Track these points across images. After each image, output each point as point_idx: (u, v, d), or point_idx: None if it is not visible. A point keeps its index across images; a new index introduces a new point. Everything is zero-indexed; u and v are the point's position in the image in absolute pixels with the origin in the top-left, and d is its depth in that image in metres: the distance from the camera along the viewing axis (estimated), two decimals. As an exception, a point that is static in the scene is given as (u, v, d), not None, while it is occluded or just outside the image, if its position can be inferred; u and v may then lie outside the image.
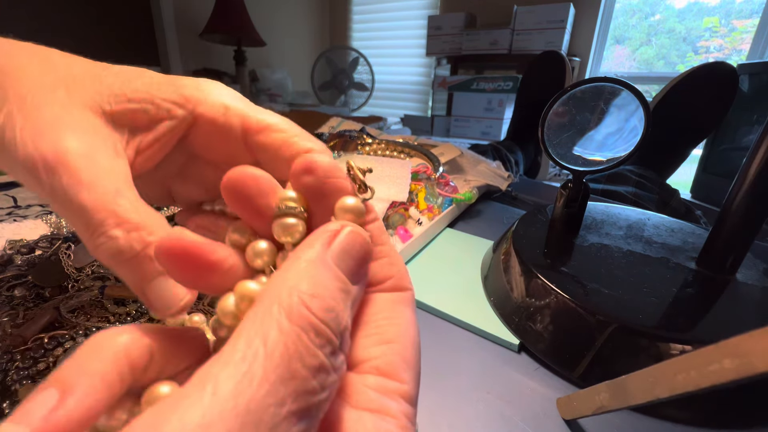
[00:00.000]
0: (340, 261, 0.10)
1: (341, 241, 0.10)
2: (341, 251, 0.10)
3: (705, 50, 1.77)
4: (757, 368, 0.12)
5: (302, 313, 0.08)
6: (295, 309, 0.08)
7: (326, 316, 0.09)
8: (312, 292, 0.09)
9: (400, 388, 0.11)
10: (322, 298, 0.09)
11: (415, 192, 0.41)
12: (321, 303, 0.09)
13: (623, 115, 0.29)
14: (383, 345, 0.11)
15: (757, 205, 0.25)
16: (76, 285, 0.26)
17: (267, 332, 0.08)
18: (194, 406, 0.07)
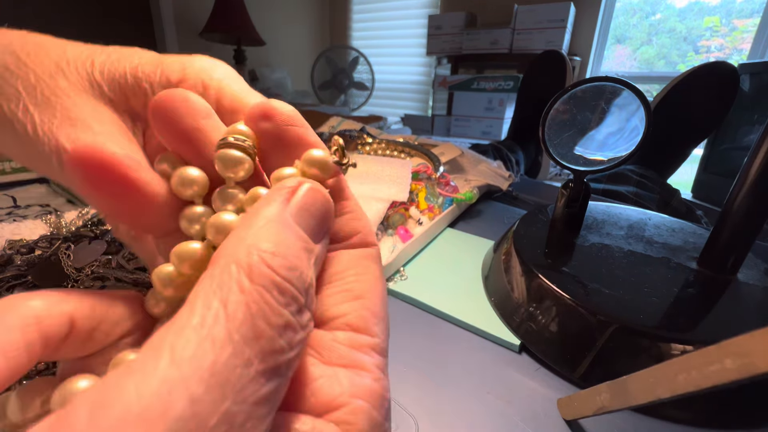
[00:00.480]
0: (300, 219, 0.10)
1: (300, 199, 0.10)
2: (300, 209, 0.10)
3: (706, 50, 1.77)
4: (759, 368, 0.12)
5: (263, 272, 0.08)
6: (256, 268, 0.08)
7: (289, 274, 0.08)
8: (273, 250, 0.08)
9: (372, 341, 0.11)
10: (283, 256, 0.08)
11: (415, 192, 0.41)
12: (283, 261, 0.08)
13: (624, 115, 0.29)
14: (353, 301, 0.11)
15: (758, 204, 0.25)
16: (76, 285, 0.26)
17: (226, 293, 0.07)
18: (151, 374, 0.06)
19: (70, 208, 0.43)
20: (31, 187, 0.49)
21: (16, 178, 0.50)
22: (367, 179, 0.39)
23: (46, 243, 0.29)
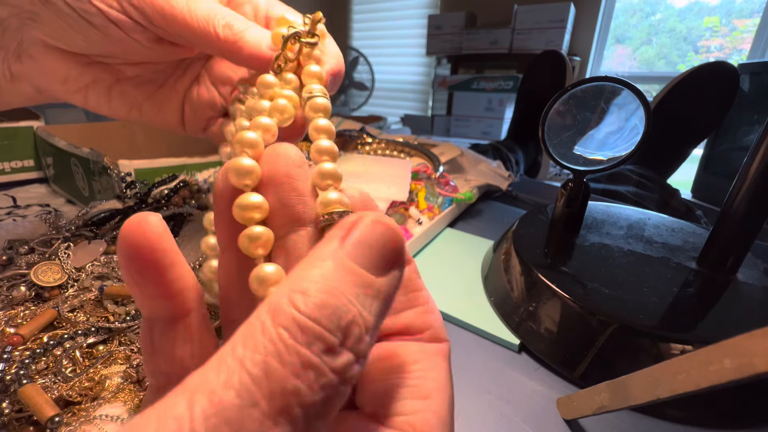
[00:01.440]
0: (357, 254, 0.09)
1: (359, 233, 0.09)
2: (359, 243, 0.09)
3: (706, 50, 1.77)
4: (758, 368, 0.12)
5: (286, 312, 0.08)
6: (281, 308, 0.08)
7: (316, 313, 0.08)
8: (303, 289, 0.08)
9: None
10: (310, 293, 0.08)
11: (415, 191, 0.41)
12: (310, 299, 0.08)
13: (624, 115, 0.29)
14: (420, 400, 0.10)
15: (758, 204, 0.25)
16: (76, 284, 0.26)
17: (250, 336, 0.07)
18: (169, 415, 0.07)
19: (70, 207, 0.43)
20: (31, 187, 0.49)
21: (16, 178, 0.50)
22: (367, 179, 0.39)
23: (46, 243, 0.29)
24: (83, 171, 0.40)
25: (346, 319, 0.08)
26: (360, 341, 0.08)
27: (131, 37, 0.19)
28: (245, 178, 0.11)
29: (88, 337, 0.22)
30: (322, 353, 0.08)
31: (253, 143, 0.12)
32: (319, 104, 0.14)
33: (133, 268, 0.10)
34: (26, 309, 0.24)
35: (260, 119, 0.13)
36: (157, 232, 0.10)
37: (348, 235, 0.09)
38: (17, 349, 0.21)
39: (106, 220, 0.32)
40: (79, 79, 0.21)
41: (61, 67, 0.21)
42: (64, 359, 0.21)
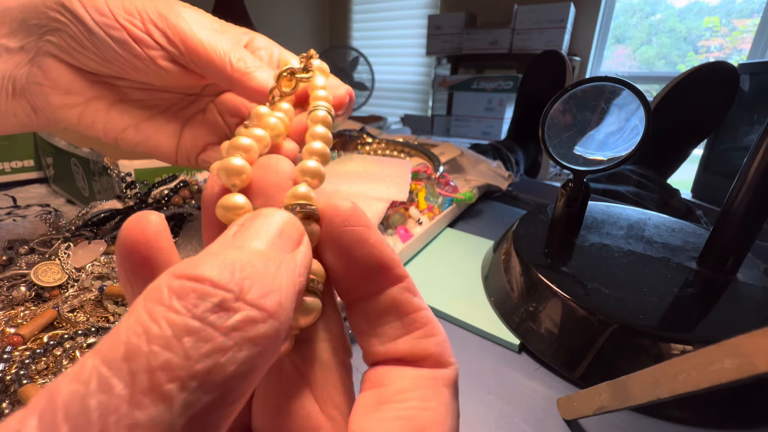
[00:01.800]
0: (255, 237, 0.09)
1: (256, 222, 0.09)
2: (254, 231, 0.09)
3: (706, 50, 1.77)
4: (758, 368, 0.12)
5: (159, 287, 0.07)
6: (154, 286, 0.07)
7: (199, 271, 0.07)
8: (188, 261, 0.07)
9: None
10: (196, 262, 0.07)
11: (415, 192, 0.41)
12: (196, 265, 0.07)
13: (624, 115, 0.29)
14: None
15: (758, 204, 0.25)
16: (76, 285, 0.26)
17: (114, 329, 0.07)
18: None
19: (70, 207, 0.43)
20: (31, 187, 0.49)
21: (16, 178, 0.50)
22: (367, 179, 0.39)
23: (46, 243, 0.29)
24: (83, 171, 0.40)
25: (241, 273, 0.07)
26: (265, 297, 0.07)
27: (148, 55, 0.20)
28: (234, 178, 0.11)
29: (88, 337, 0.22)
30: (209, 313, 0.07)
31: (246, 148, 0.12)
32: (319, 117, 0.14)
33: (127, 265, 0.10)
34: (26, 309, 0.24)
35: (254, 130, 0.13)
36: (156, 230, 0.10)
37: (240, 228, 0.09)
38: (17, 349, 0.21)
39: (106, 220, 0.32)
40: (82, 92, 0.22)
41: (67, 79, 0.21)
42: (64, 359, 0.21)
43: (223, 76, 0.20)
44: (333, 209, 0.10)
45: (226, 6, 1.94)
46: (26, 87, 0.21)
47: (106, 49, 0.20)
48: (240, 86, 0.20)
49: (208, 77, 0.21)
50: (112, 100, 0.23)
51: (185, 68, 0.21)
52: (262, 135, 0.13)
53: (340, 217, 0.10)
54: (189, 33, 0.20)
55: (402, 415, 0.09)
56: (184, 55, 0.20)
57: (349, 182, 0.39)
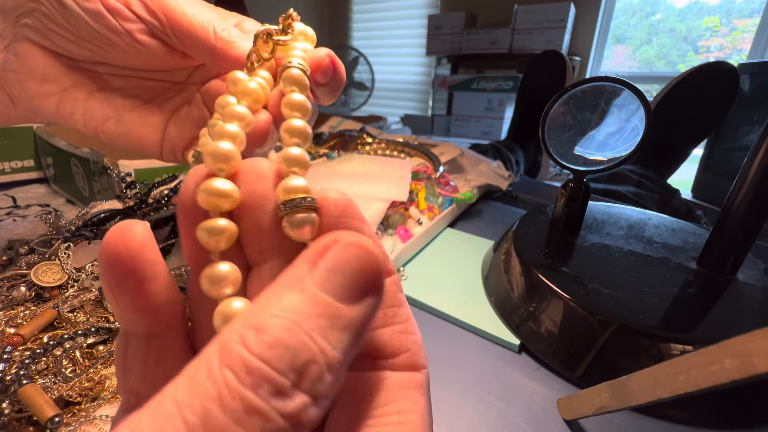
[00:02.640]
0: (326, 281, 0.08)
1: (331, 257, 0.08)
2: (329, 270, 0.08)
3: (705, 50, 1.77)
4: (758, 368, 0.12)
5: (234, 351, 0.07)
6: (230, 347, 0.07)
7: (266, 352, 0.07)
8: (258, 325, 0.07)
9: None
10: (266, 330, 0.07)
11: (415, 192, 0.41)
12: (263, 336, 0.07)
13: (624, 115, 0.29)
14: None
15: (758, 204, 0.25)
16: (76, 285, 0.26)
17: (194, 378, 0.07)
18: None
19: (70, 208, 0.43)
20: (31, 187, 0.49)
21: (16, 178, 0.50)
22: (367, 179, 0.39)
23: (46, 243, 0.29)
24: (83, 171, 0.40)
25: (302, 358, 0.07)
26: (319, 381, 0.08)
27: (124, 29, 0.19)
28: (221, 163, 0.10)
29: (88, 338, 0.22)
30: (270, 396, 0.07)
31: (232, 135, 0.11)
32: (294, 75, 0.12)
33: (110, 277, 0.09)
34: (26, 309, 0.24)
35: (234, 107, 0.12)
36: (140, 242, 0.09)
37: (320, 258, 0.08)
38: (17, 350, 0.21)
39: (106, 220, 0.32)
40: (59, 80, 0.20)
41: (43, 65, 0.20)
42: (64, 359, 0.21)
43: (206, 47, 0.19)
44: (329, 202, 0.10)
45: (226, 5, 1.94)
46: (2, 75, 0.20)
47: (80, 24, 0.18)
48: (222, 56, 0.19)
49: (190, 51, 0.20)
50: (92, 88, 0.21)
51: (166, 44, 0.20)
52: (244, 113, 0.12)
53: (337, 209, 0.10)
54: (171, 2, 0.19)
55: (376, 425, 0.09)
56: (165, 26, 0.19)
57: (349, 182, 0.39)
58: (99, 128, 0.22)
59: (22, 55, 0.19)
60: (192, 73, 0.24)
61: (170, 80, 0.24)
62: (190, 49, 0.20)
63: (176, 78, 0.24)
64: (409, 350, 0.10)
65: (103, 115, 0.22)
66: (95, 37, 0.19)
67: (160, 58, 0.20)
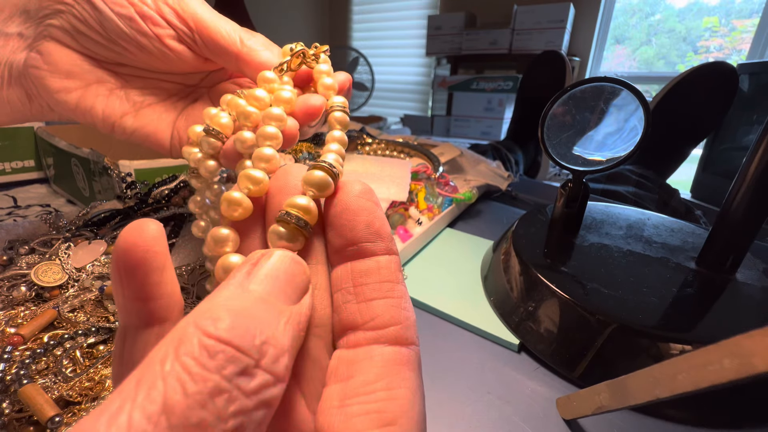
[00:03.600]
0: (265, 284, 0.09)
1: (267, 266, 0.10)
2: (266, 276, 0.09)
3: (705, 50, 1.77)
4: (757, 368, 0.12)
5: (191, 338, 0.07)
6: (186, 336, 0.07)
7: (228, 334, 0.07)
8: (212, 316, 0.08)
9: None
10: (220, 317, 0.08)
11: (415, 192, 0.41)
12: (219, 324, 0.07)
13: (623, 115, 0.29)
14: (383, 428, 0.09)
15: (757, 204, 0.25)
16: (76, 285, 0.26)
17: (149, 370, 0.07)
18: None
19: (71, 208, 0.43)
20: (32, 187, 0.49)
21: (16, 178, 0.50)
22: (366, 179, 0.39)
23: (46, 243, 0.29)
24: (84, 171, 0.40)
25: (261, 337, 0.08)
26: (277, 362, 0.08)
27: (155, 34, 0.20)
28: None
29: (88, 337, 0.22)
30: (235, 376, 0.07)
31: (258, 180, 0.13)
32: (339, 118, 0.16)
33: (122, 265, 0.10)
34: (26, 309, 0.24)
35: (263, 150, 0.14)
36: (154, 236, 0.10)
37: (254, 268, 0.09)
38: (17, 349, 0.21)
39: (106, 221, 0.32)
40: (83, 76, 0.21)
41: (69, 62, 0.21)
42: (65, 359, 0.21)
43: (231, 53, 0.20)
44: (350, 185, 0.12)
45: (226, 5, 1.94)
46: (23, 72, 0.21)
47: (112, 27, 0.19)
48: (247, 62, 0.20)
49: (215, 57, 0.21)
50: (114, 85, 0.22)
51: (191, 49, 0.21)
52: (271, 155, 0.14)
53: (356, 191, 0.12)
54: (199, 10, 0.20)
55: (370, 409, 0.09)
56: (194, 32, 0.20)
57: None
58: (117, 122, 0.22)
59: (46, 53, 0.20)
60: (205, 77, 0.25)
61: (184, 83, 0.25)
62: (216, 54, 0.21)
63: (190, 81, 0.25)
64: (401, 323, 0.11)
65: (122, 110, 0.22)
66: (125, 40, 0.20)
67: (185, 62, 0.22)
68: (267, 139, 0.14)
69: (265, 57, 0.20)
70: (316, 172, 0.12)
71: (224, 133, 0.17)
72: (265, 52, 0.20)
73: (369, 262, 0.11)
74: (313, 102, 0.17)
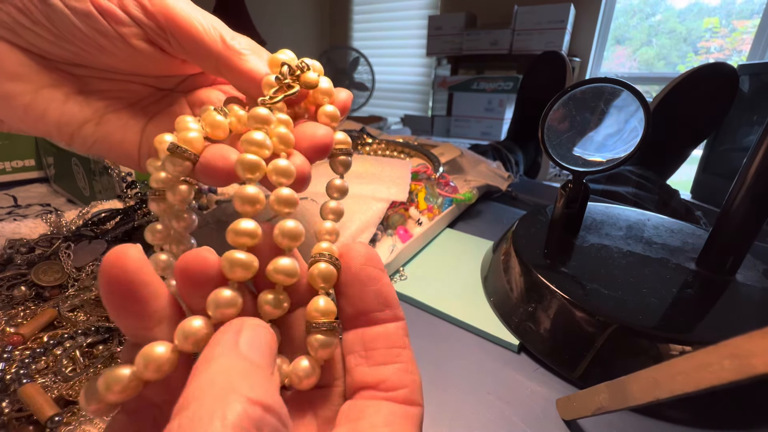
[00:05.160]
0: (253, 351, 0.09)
1: (250, 335, 0.10)
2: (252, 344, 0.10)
3: (705, 51, 1.77)
4: (757, 369, 0.12)
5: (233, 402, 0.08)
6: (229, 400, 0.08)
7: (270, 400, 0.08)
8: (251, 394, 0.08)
9: None
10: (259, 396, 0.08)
11: (415, 192, 0.41)
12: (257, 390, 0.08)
13: (623, 116, 0.29)
14: None
15: (757, 205, 0.25)
16: (76, 284, 0.26)
17: None
18: None
19: (71, 207, 0.43)
20: (32, 186, 0.49)
21: (16, 177, 0.50)
22: (366, 179, 0.39)
23: (47, 242, 0.29)
24: (84, 171, 0.40)
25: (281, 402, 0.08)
26: None
27: (118, 33, 0.16)
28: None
29: (88, 337, 0.22)
30: None
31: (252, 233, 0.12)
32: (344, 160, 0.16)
33: (114, 301, 0.10)
34: (26, 308, 0.24)
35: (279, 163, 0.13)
36: (136, 266, 0.10)
37: (239, 336, 0.09)
38: (17, 349, 0.21)
39: (106, 220, 0.32)
40: (33, 79, 0.17)
41: (13, 62, 0.17)
42: (64, 359, 0.21)
43: (211, 54, 0.17)
44: (355, 252, 0.12)
45: (226, 5, 1.94)
46: None
47: (64, 24, 0.16)
48: (230, 67, 0.17)
49: (192, 58, 0.18)
50: (70, 90, 0.18)
51: (164, 50, 0.18)
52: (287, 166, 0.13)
53: (362, 258, 0.12)
54: (170, 2, 0.16)
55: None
56: (165, 30, 0.17)
57: (348, 182, 0.39)
58: (75, 133, 0.19)
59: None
60: (182, 82, 0.22)
61: (157, 86, 0.21)
62: (193, 55, 0.17)
63: (165, 85, 0.21)
64: (407, 387, 0.12)
65: (82, 117, 0.19)
66: (80, 40, 0.16)
67: (157, 65, 0.19)
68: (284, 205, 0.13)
69: (254, 64, 0.17)
70: (321, 265, 0.12)
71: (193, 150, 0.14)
72: (253, 58, 0.17)
73: (378, 329, 0.12)
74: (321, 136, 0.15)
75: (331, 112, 0.16)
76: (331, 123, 0.16)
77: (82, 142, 0.19)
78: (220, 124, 0.14)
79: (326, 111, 0.16)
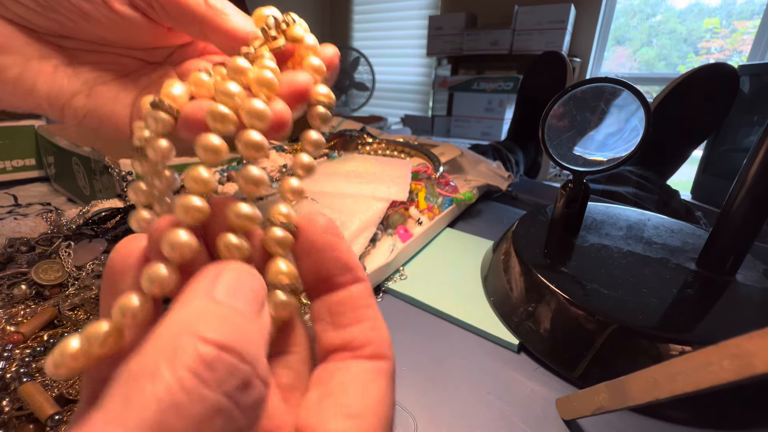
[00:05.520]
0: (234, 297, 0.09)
1: (228, 280, 0.09)
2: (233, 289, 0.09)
3: (706, 51, 1.77)
4: (757, 369, 0.12)
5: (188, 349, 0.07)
6: (181, 347, 0.07)
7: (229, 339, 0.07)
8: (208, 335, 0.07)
9: None
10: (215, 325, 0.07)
11: (415, 192, 0.41)
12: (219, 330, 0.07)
13: (624, 116, 0.29)
14: (346, 419, 0.10)
15: (757, 206, 0.25)
16: (76, 283, 0.26)
17: (136, 389, 0.06)
18: None
19: (71, 206, 0.43)
20: (32, 185, 0.49)
21: (17, 176, 0.50)
22: (367, 179, 0.39)
23: (47, 241, 0.29)
24: (84, 170, 0.40)
25: (256, 343, 0.08)
26: (265, 369, 0.08)
27: None
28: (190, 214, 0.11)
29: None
30: (236, 390, 0.07)
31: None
32: (322, 113, 0.14)
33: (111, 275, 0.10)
34: (27, 307, 0.24)
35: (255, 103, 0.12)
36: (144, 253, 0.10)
37: (216, 280, 0.09)
38: (18, 347, 0.21)
39: (107, 219, 0.32)
40: (21, 50, 0.17)
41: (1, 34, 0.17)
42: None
43: (195, 17, 0.17)
44: (313, 222, 0.12)
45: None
46: None
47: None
48: (214, 28, 0.17)
49: (177, 24, 0.18)
50: (59, 62, 0.18)
51: (148, 16, 0.17)
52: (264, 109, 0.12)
53: (319, 227, 0.12)
54: None
55: (340, 403, 0.10)
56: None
57: (349, 182, 0.39)
58: (66, 104, 0.19)
59: None
60: (171, 54, 0.22)
61: (146, 59, 0.21)
62: (177, 20, 0.17)
63: (154, 58, 0.21)
64: (374, 342, 0.12)
65: (72, 89, 0.19)
66: (65, 8, 0.16)
67: (142, 33, 0.18)
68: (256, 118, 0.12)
69: (237, 22, 0.17)
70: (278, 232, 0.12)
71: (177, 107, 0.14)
72: (236, 16, 0.17)
73: (342, 293, 0.12)
74: (300, 81, 0.14)
75: (317, 66, 0.15)
76: (315, 75, 0.15)
77: (73, 115, 0.19)
78: (203, 83, 0.14)
79: (311, 63, 0.15)
